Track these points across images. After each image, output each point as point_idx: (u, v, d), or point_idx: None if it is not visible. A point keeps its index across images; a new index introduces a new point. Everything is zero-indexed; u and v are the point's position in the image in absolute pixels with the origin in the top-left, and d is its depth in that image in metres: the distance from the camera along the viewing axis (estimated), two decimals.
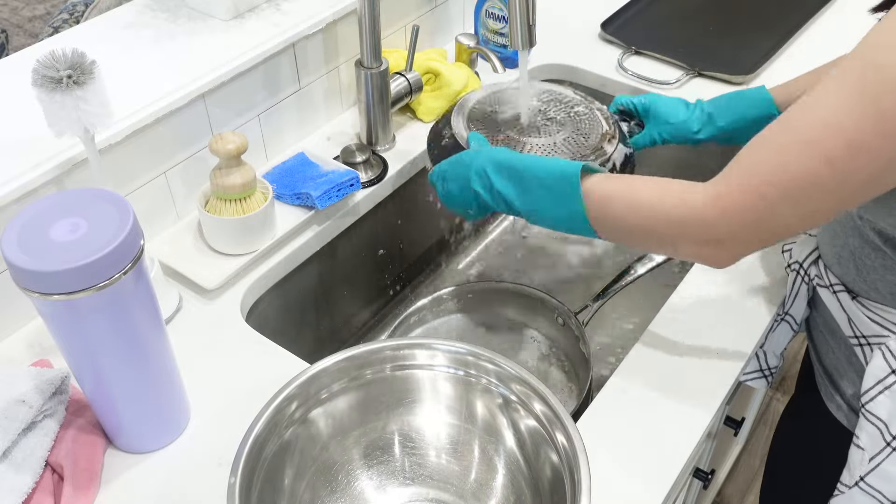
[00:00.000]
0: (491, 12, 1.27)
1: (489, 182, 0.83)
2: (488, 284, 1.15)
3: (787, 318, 0.91)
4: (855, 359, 0.83)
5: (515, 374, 0.74)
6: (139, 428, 0.79)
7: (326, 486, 0.77)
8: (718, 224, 0.69)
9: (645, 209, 0.73)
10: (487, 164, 0.84)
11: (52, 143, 0.85)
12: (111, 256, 0.63)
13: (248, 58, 1.02)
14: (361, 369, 0.77)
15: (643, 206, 0.73)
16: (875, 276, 0.78)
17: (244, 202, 0.96)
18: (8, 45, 2.28)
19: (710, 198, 0.69)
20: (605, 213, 0.76)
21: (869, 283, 0.79)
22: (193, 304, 0.95)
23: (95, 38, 1.05)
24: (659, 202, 0.72)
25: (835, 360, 0.87)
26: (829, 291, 0.84)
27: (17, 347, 0.89)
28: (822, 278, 0.85)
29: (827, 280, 0.84)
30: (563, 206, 0.78)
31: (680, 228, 0.71)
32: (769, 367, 0.92)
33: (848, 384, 0.86)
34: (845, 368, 0.85)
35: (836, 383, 0.88)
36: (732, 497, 1.75)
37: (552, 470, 0.71)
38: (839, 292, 0.82)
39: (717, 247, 0.71)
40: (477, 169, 0.84)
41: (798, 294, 0.89)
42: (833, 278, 0.83)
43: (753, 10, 1.45)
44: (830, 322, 0.86)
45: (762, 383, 0.93)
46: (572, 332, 1.07)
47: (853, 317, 0.81)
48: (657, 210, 0.72)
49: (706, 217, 0.69)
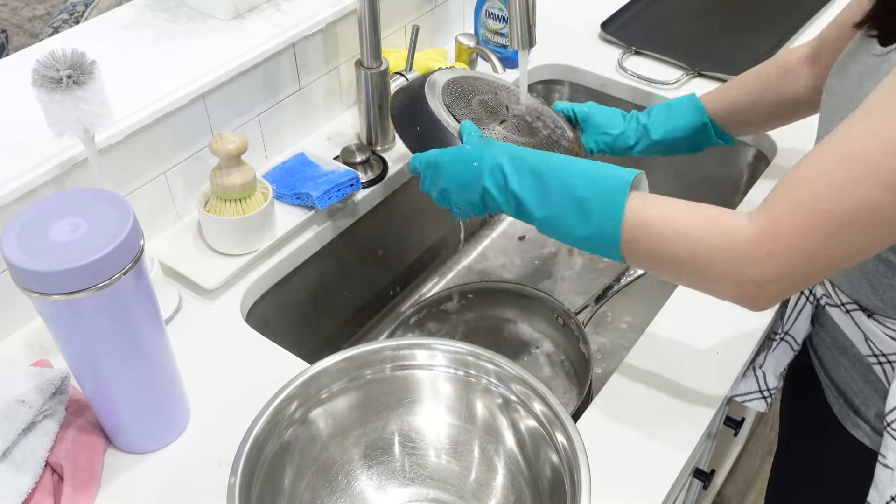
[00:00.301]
0: (491, 12, 1.27)
1: (503, 180, 0.77)
2: (488, 284, 1.15)
3: (787, 339, 0.89)
4: (874, 377, 0.81)
5: (515, 374, 0.74)
6: (139, 428, 0.79)
7: (326, 487, 0.77)
8: (764, 264, 0.64)
9: (684, 241, 0.67)
10: (504, 158, 0.77)
11: (52, 143, 0.85)
12: (111, 256, 0.63)
13: (248, 58, 1.02)
14: (361, 369, 0.77)
15: (683, 236, 0.67)
16: (893, 294, 0.75)
17: (244, 202, 0.96)
18: (8, 45, 2.28)
19: (757, 234, 0.64)
20: (640, 238, 0.69)
21: (886, 301, 0.76)
22: (193, 304, 0.95)
23: (95, 38, 1.05)
24: (701, 235, 0.66)
25: (848, 379, 0.85)
26: (841, 310, 0.82)
27: (17, 347, 0.89)
28: (831, 297, 0.83)
29: (837, 299, 0.82)
30: (593, 224, 0.71)
31: (721, 266, 0.66)
32: (768, 388, 0.90)
33: (867, 403, 0.83)
34: (861, 387, 0.84)
35: (851, 402, 0.85)
36: (732, 497, 1.75)
37: (552, 470, 0.71)
38: (853, 311, 0.80)
39: (757, 288, 0.66)
40: (491, 163, 0.78)
41: (801, 314, 0.87)
42: (844, 297, 0.81)
43: (753, 10, 1.45)
44: (841, 340, 0.84)
45: (761, 404, 0.90)
46: (572, 332, 1.07)
47: (870, 335, 0.79)
48: (698, 244, 0.67)
49: (753, 256, 0.64)
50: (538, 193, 0.75)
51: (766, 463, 1.82)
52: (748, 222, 0.65)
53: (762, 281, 0.65)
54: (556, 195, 0.74)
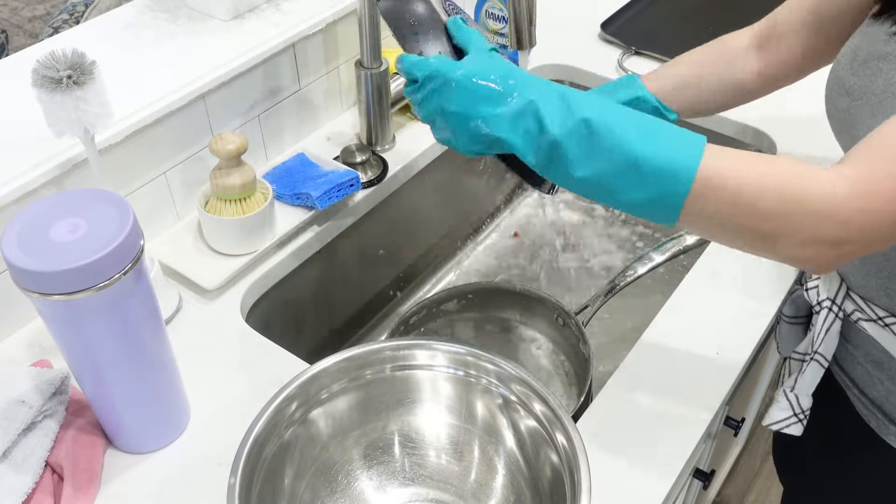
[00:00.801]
0: (491, 12, 1.27)
1: (538, 125, 0.63)
2: (488, 284, 1.15)
3: (817, 357, 0.86)
4: None
5: (515, 374, 0.74)
6: (139, 428, 0.79)
7: (326, 487, 0.77)
8: (852, 222, 0.59)
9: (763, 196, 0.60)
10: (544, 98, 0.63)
11: (52, 143, 0.85)
12: (111, 257, 0.63)
13: (248, 58, 1.02)
14: (361, 369, 0.77)
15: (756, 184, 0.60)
16: None
17: (244, 202, 0.96)
18: (8, 45, 2.28)
19: (848, 192, 0.58)
20: (707, 195, 0.61)
21: None
22: (193, 304, 0.95)
23: (95, 38, 1.05)
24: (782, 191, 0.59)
25: (885, 392, 0.84)
26: (879, 325, 0.80)
27: (17, 347, 0.89)
28: (865, 312, 0.81)
29: (872, 313, 0.81)
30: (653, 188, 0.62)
31: (797, 224, 0.60)
32: (802, 410, 0.88)
33: None
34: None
35: (890, 415, 0.84)
36: (732, 497, 1.75)
37: (552, 470, 0.71)
38: (892, 324, 0.79)
39: (833, 247, 0.60)
40: (523, 101, 0.64)
41: (830, 331, 0.85)
42: (880, 311, 0.80)
43: (753, 11, 1.44)
44: (875, 354, 0.83)
45: (798, 428, 0.87)
46: (572, 332, 1.07)
47: None
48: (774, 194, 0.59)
49: (839, 215, 0.58)
50: (586, 149, 0.63)
51: (766, 463, 1.82)
52: (835, 176, 0.59)
53: (841, 241, 0.59)
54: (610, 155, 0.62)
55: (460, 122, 0.67)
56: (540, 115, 0.63)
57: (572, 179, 0.64)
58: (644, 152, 0.61)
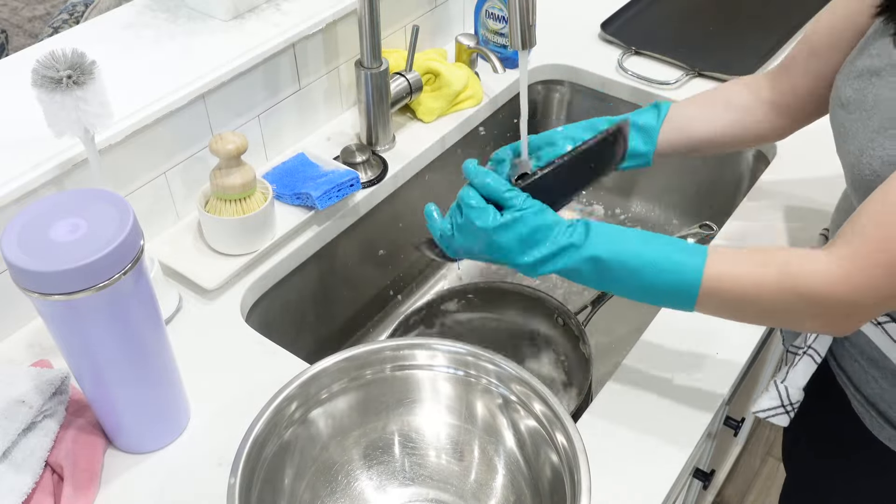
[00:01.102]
0: (491, 12, 1.27)
1: (578, 273, 0.74)
2: (488, 284, 1.15)
3: (810, 352, 0.88)
4: None
5: (515, 374, 0.74)
6: (139, 428, 0.79)
7: (326, 487, 0.77)
8: (852, 296, 0.66)
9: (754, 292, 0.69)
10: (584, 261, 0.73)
11: (52, 143, 0.85)
12: (111, 256, 0.63)
13: (248, 58, 1.02)
14: (361, 369, 0.77)
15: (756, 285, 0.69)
16: None
17: (244, 202, 0.96)
18: (8, 45, 2.28)
19: (838, 273, 0.66)
20: (713, 294, 0.71)
21: None
22: (193, 304, 0.95)
23: (95, 38, 1.05)
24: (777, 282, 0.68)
25: (880, 391, 0.84)
26: (872, 323, 0.81)
27: (17, 347, 0.89)
28: None
29: None
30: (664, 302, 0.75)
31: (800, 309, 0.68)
32: (791, 403, 0.89)
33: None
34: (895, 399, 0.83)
35: (884, 414, 0.85)
36: (732, 497, 1.75)
37: (552, 470, 0.71)
38: (885, 324, 0.80)
39: (845, 318, 0.68)
40: (574, 260, 0.73)
41: None
42: None
43: (753, 10, 1.45)
44: (870, 352, 0.83)
45: (784, 419, 0.89)
46: (572, 332, 1.07)
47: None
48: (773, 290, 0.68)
49: (837, 293, 0.66)
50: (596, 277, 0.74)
51: (766, 463, 1.82)
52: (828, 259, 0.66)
53: (849, 313, 0.68)
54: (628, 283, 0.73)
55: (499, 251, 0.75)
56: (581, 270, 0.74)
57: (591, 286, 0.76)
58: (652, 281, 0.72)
